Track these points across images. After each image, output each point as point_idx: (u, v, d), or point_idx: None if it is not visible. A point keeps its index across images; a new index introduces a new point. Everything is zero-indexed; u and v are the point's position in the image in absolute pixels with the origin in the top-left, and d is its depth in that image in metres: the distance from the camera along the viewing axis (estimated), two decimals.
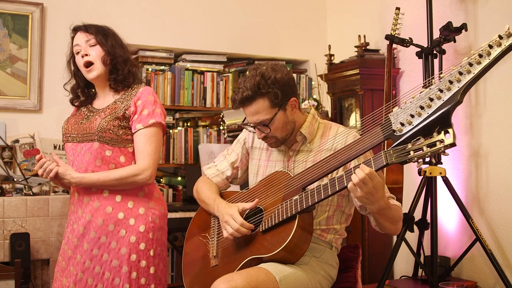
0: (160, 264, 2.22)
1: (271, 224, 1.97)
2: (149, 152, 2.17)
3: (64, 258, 2.21)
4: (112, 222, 2.15)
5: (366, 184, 1.73)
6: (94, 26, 2.28)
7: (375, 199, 1.78)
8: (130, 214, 2.17)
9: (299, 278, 1.95)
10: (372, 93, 3.65)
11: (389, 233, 2.04)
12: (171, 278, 3.86)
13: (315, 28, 4.44)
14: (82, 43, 2.24)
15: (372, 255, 3.58)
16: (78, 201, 2.21)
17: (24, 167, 3.37)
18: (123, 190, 2.18)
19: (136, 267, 2.14)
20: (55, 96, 3.59)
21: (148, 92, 2.22)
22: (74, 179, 2.13)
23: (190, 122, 4.10)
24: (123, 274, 2.12)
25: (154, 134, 2.19)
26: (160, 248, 2.22)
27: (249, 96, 2.01)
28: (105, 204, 2.16)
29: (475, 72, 1.55)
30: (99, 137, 2.14)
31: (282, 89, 2.03)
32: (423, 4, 3.23)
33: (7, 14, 3.50)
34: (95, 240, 2.15)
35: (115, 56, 2.23)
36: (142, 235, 2.16)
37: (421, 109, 1.63)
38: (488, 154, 3.09)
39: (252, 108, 2.04)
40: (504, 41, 1.53)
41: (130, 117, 2.18)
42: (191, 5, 4.04)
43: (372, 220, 1.99)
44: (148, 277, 2.16)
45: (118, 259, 2.13)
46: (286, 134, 2.10)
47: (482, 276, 3.09)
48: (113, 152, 2.17)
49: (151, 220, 2.19)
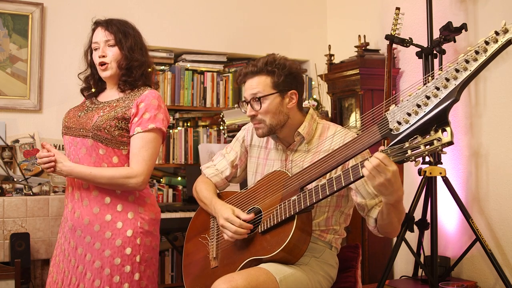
0: (146, 271, 2.15)
1: (270, 224, 1.97)
2: (144, 158, 2.10)
3: (59, 253, 2.20)
4: (98, 223, 2.10)
5: (383, 172, 1.66)
6: (116, 23, 2.24)
7: (396, 188, 1.72)
8: (118, 217, 2.11)
9: (299, 278, 1.95)
10: (372, 93, 3.65)
11: (390, 232, 1.97)
12: (171, 278, 3.85)
13: (315, 28, 4.44)
14: (101, 42, 2.20)
15: (372, 255, 3.57)
16: (71, 195, 2.18)
17: (24, 167, 3.37)
18: (113, 193, 2.13)
19: (120, 271, 2.08)
20: (55, 96, 3.60)
21: (153, 96, 2.15)
22: (66, 167, 2.07)
23: (190, 122, 4.10)
24: (105, 276, 2.07)
25: (152, 140, 2.12)
26: (148, 254, 2.16)
27: (255, 71, 2.09)
28: (93, 204, 2.12)
29: (471, 69, 1.54)
30: (93, 135, 2.10)
31: (287, 76, 2.08)
32: (423, 4, 3.23)
33: (7, 14, 3.50)
34: (81, 239, 2.12)
35: (132, 60, 2.20)
36: (128, 240, 2.10)
37: (418, 107, 1.62)
38: (488, 154, 3.08)
39: (254, 82, 2.09)
40: (500, 37, 1.52)
41: (130, 118, 2.13)
42: (191, 5, 4.04)
43: (372, 221, 1.96)
44: (131, 283, 2.10)
45: (101, 261, 2.08)
46: (276, 122, 2.08)
47: (482, 276, 3.08)
48: (106, 151, 2.11)
49: (139, 225, 2.13)
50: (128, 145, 2.15)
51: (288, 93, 2.09)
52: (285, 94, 2.08)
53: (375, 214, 1.95)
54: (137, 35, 2.28)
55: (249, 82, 2.11)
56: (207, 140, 4.03)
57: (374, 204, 1.95)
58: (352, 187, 1.98)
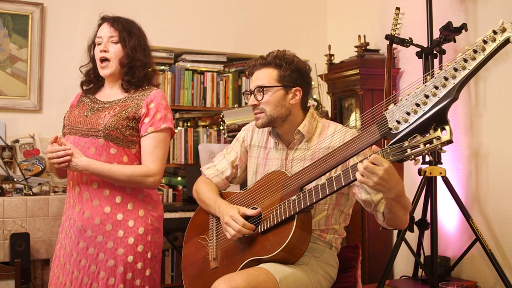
0: (155, 266, 2.20)
1: (270, 225, 1.97)
2: (159, 157, 2.14)
3: (63, 254, 2.19)
4: (110, 223, 2.12)
5: (374, 172, 1.68)
6: (122, 21, 2.25)
7: (392, 185, 1.72)
8: (130, 216, 2.14)
9: (299, 278, 1.95)
10: (372, 93, 3.65)
11: (399, 225, 1.95)
12: (171, 278, 3.85)
13: (315, 28, 4.44)
14: (105, 37, 2.21)
15: (372, 255, 3.57)
16: (78, 196, 2.17)
17: (24, 167, 3.37)
18: (124, 191, 2.15)
19: (132, 268, 2.11)
20: (55, 96, 3.60)
21: (161, 96, 2.19)
22: (82, 162, 2.04)
23: (190, 122, 4.11)
24: (119, 274, 2.10)
25: (164, 139, 2.16)
26: (157, 250, 2.20)
27: (263, 63, 2.14)
28: (104, 204, 2.13)
29: (470, 68, 1.55)
30: (105, 135, 2.11)
31: (293, 71, 2.12)
32: (423, 4, 3.23)
33: (7, 14, 3.51)
34: (92, 239, 2.13)
35: (134, 59, 2.20)
36: (141, 237, 2.13)
37: (417, 106, 1.63)
38: (488, 154, 3.08)
39: (261, 73, 2.13)
40: (498, 36, 1.52)
41: (140, 118, 2.15)
42: (191, 5, 4.04)
43: (380, 215, 1.94)
44: (143, 278, 2.14)
45: (114, 259, 2.11)
46: (276, 114, 2.09)
47: (482, 276, 3.08)
48: (117, 151, 2.13)
49: (150, 222, 2.17)
50: (137, 145, 2.17)
51: (292, 89, 2.11)
52: (289, 89, 2.10)
53: (382, 208, 1.93)
54: (141, 35, 2.28)
55: (256, 73, 2.15)
56: (207, 140, 4.04)
57: (380, 198, 1.94)
58: (356, 183, 1.96)
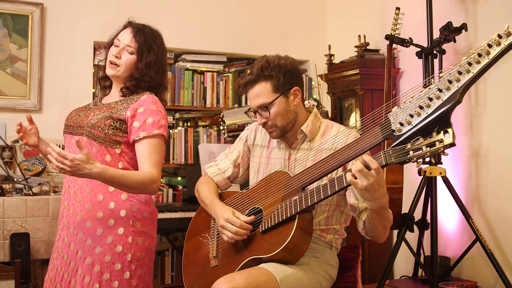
0: (138, 270, 2.13)
1: (270, 224, 1.97)
2: (156, 162, 2.10)
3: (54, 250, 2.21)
4: (91, 220, 2.09)
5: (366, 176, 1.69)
6: (146, 33, 2.20)
7: (378, 195, 1.75)
8: (110, 215, 2.10)
9: (299, 278, 1.95)
10: (372, 93, 3.65)
11: (376, 237, 1.98)
12: (171, 278, 3.86)
13: (315, 28, 4.44)
14: (123, 44, 2.19)
15: (372, 255, 3.58)
16: (67, 193, 2.17)
17: (24, 167, 3.37)
18: (106, 190, 2.10)
19: (110, 268, 2.07)
20: (55, 96, 3.60)
21: (151, 101, 2.14)
22: (98, 168, 1.91)
23: (190, 122, 4.11)
24: (95, 273, 2.06)
25: (158, 145, 2.12)
26: (140, 253, 2.13)
27: (252, 79, 2.08)
28: (86, 201, 2.11)
29: (474, 71, 1.55)
30: (87, 132, 2.09)
31: (285, 75, 2.07)
32: (423, 4, 3.23)
33: (7, 14, 3.50)
34: (74, 235, 2.11)
35: (145, 75, 2.18)
36: (120, 238, 2.09)
37: (420, 108, 1.63)
38: (488, 154, 3.09)
39: (255, 91, 2.08)
40: (503, 40, 1.53)
41: (125, 120, 2.11)
42: (191, 5, 4.04)
43: (361, 223, 1.97)
44: (121, 281, 2.08)
45: (92, 257, 2.08)
46: (287, 122, 2.10)
47: (482, 276, 3.09)
48: (99, 149, 2.10)
49: (131, 224, 2.11)
50: (122, 145, 2.13)
51: (291, 91, 2.10)
52: (288, 93, 2.09)
53: (364, 216, 1.95)
54: (160, 53, 2.24)
55: (251, 92, 2.10)
56: (207, 140, 4.04)
57: (365, 207, 1.95)
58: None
